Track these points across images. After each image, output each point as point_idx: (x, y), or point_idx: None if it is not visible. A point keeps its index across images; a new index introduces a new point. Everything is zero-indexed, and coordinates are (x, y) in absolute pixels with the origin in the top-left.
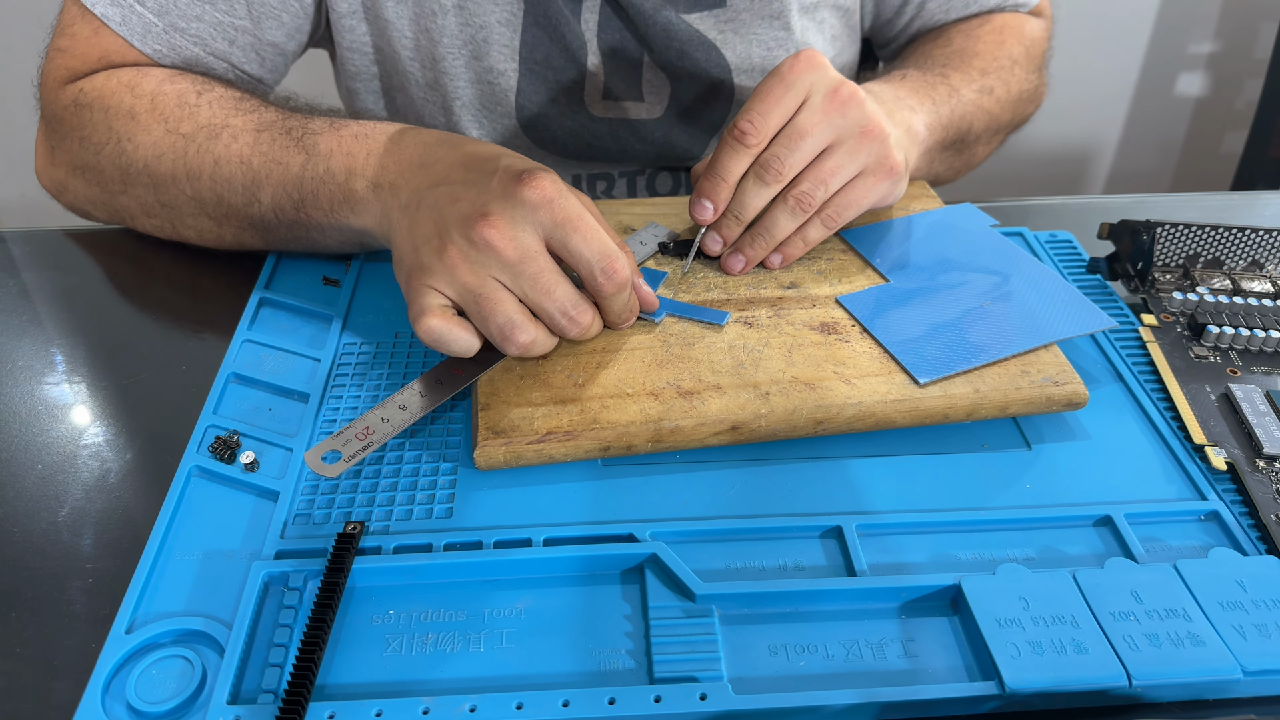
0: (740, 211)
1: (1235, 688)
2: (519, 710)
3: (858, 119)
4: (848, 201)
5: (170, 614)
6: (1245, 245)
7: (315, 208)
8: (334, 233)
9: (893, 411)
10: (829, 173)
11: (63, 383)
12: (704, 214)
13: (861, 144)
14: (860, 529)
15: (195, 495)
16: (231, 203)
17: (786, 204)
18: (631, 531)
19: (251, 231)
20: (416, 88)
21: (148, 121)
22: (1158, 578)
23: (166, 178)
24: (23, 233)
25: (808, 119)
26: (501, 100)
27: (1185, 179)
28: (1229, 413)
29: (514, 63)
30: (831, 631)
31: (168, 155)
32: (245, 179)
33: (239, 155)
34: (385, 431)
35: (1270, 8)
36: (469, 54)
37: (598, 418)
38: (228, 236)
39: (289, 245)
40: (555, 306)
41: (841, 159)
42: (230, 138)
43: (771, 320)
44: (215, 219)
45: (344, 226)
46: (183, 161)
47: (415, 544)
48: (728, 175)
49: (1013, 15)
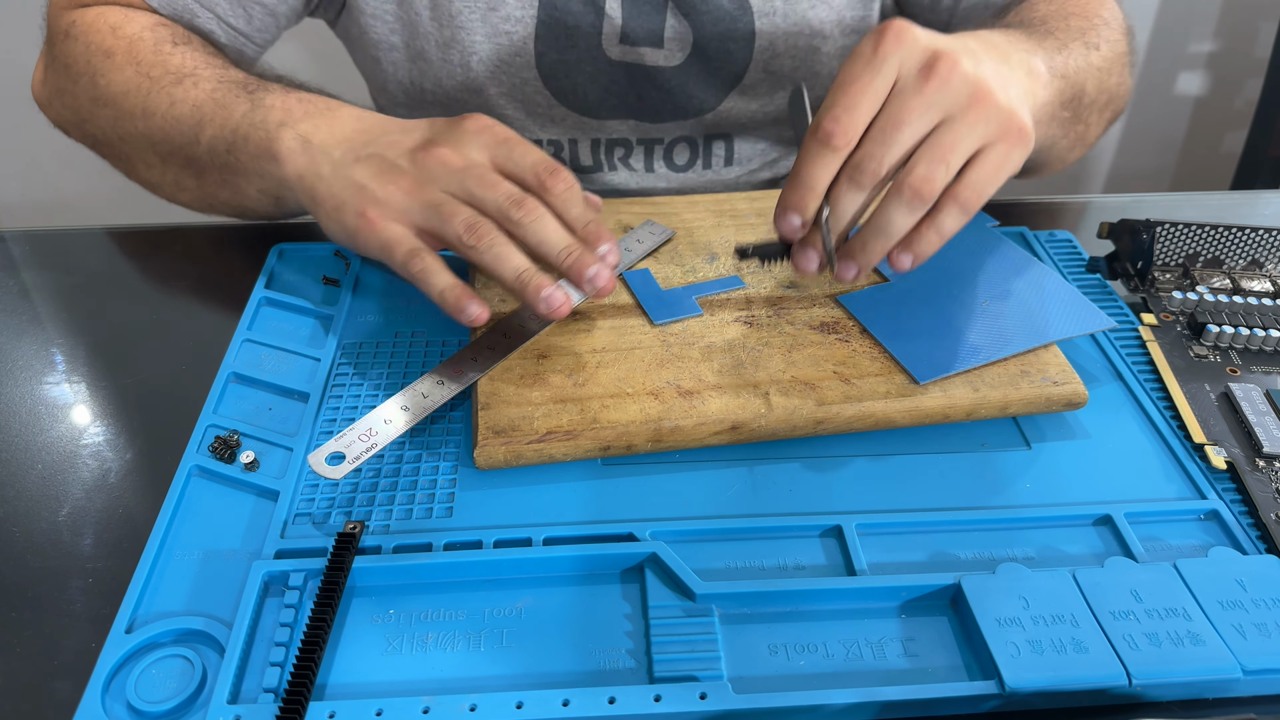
0: (835, 221)
1: (1235, 687)
2: (519, 710)
3: (963, 89)
4: (981, 179)
5: (170, 614)
6: (1245, 244)
7: (244, 151)
8: (255, 179)
9: (893, 411)
10: (947, 149)
11: (63, 383)
12: (790, 228)
13: (978, 113)
14: (860, 528)
15: (195, 495)
16: (176, 141)
17: (902, 196)
18: (631, 531)
19: (188, 173)
20: (435, 48)
21: (121, 62)
22: (1157, 577)
23: (126, 113)
24: (23, 233)
25: (902, 105)
26: (520, 50)
27: (1185, 178)
28: (1229, 412)
29: (532, 9)
30: (831, 631)
31: (133, 93)
32: (192, 119)
33: (194, 99)
34: (388, 433)
35: (1270, 7)
36: (485, 6)
37: (598, 417)
38: (169, 176)
39: (217, 193)
40: (503, 195)
41: (959, 133)
42: (191, 84)
43: (771, 320)
44: (161, 156)
45: (265, 174)
46: (143, 100)
47: (415, 544)
48: (815, 183)
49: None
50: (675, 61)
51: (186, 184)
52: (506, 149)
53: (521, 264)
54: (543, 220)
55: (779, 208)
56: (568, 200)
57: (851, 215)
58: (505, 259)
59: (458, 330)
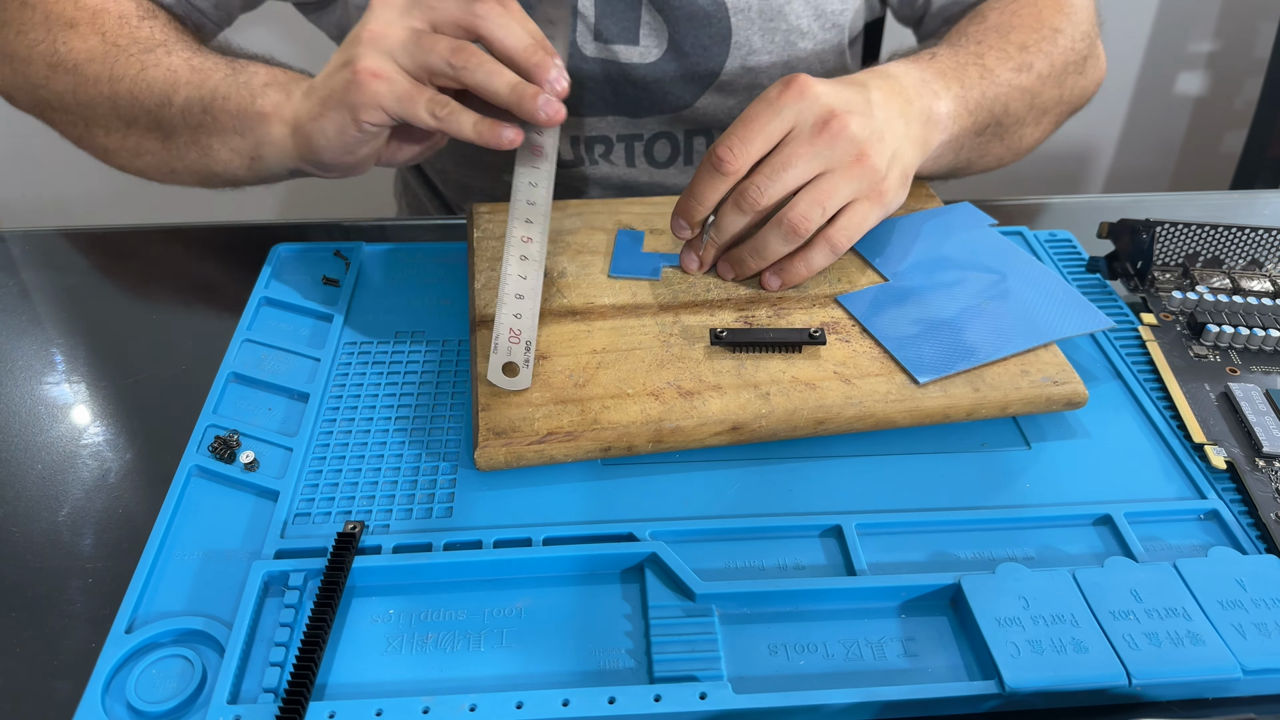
0: (717, 234)
1: (1235, 686)
2: (519, 709)
3: (849, 149)
4: (850, 226)
5: (170, 614)
6: (1245, 244)
7: (222, 110)
8: (232, 137)
9: (893, 411)
10: (825, 195)
11: (63, 383)
12: (680, 232)
13: (855, 171)
14: (860, 528)
15: (195, 495)
16: (145, 103)
17: (781, 227)
18: (631, 531)
19: (153, 136)
20: None
21: (85, 31)
22: (1157, 577)
23: (90, 78)
24: (23, 233)
25: (793, 151)
26: None
27: (1185, 178)
28: (1228, 412)
29: None
30: (831, 631)
31: (98, 60)
32: (165, 82)
33: (168, 64)
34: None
35: (1270, 7)
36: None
37: (598, 418)
38: (129, 141)
39: (184, 154)
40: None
41: (837, 184)
42: (164, 52)
43: (771, 320)
44: (125, 120)
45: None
46: (110, 66)
47: (415, 544)
48: (703, 200)
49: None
50: (651, 58)
51: (149, 148)
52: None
53: (513, 76)
54: (504, 18)
55: (674, 214)
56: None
57: (732, 233)
58: (497, 73)
59: (458, 330)
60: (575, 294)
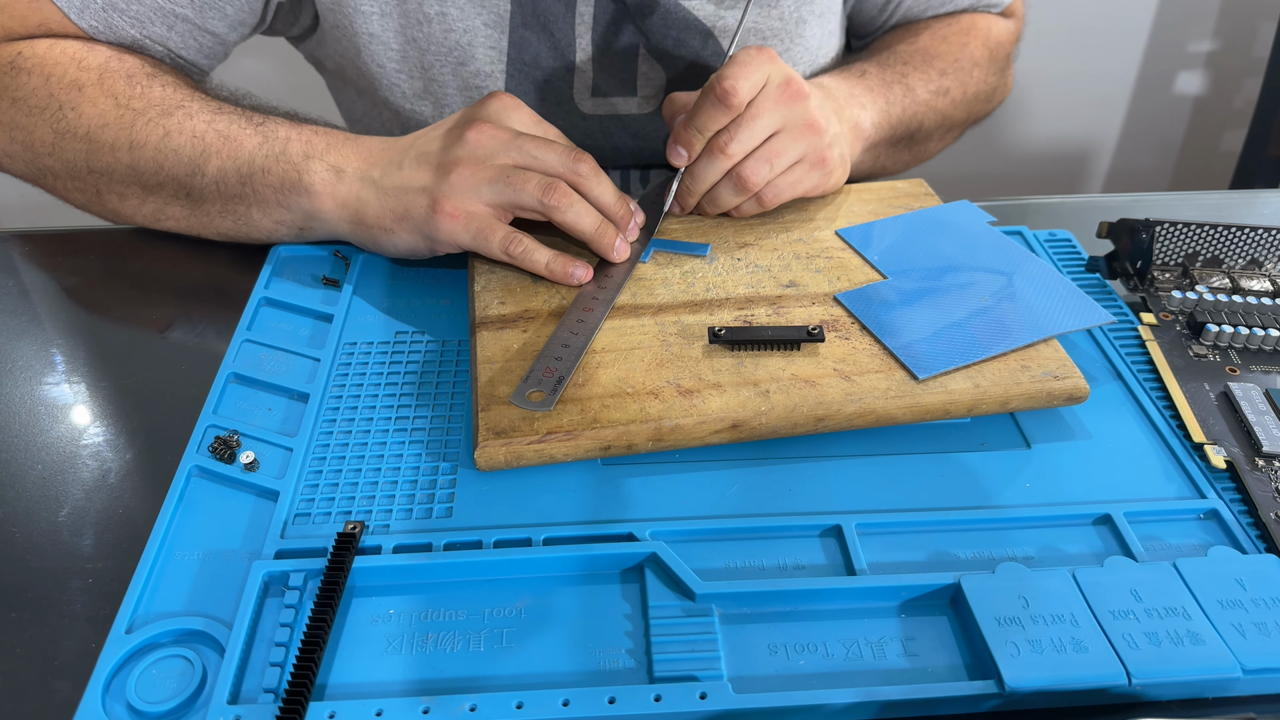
0: (692, 184)
1: (1235, 686)
2: (519, 710)
3: (803, 112)
4: (784, 184)
5: (170, 614)
6: (1244, 244)
7: (264, 184)
8: (276, 210)
9: (893, 408)
10: (774, 153)
11: (63, 383)
12: (677, 160)
13: (803, 134)
14: (860, 528)
15: (195, 495)
16: (172, 173)
17: (731, 180)
18: (631, 531)
19: (179, 203)
20: (403, 99)
21: (94, 95)
22: (1157, 576)
23: (106, 145)
24: (23, 233)
25: (762, 103)
26: None
27: (1184, 178)
28: (1228, 411)
29: (500, 64)
30: (831, 630)
31: (113, 126)
32: (194, 151)
33: (192, 130)
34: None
35: (1269, 7)
36: (455, 60)
37: (598, 417)
38: (148, 207)
39: (216, 222)
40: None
41: (785, 143)
42: (185, 115)
43: (771, 318)
44: (146, 188)
45: (292, 206)
46: (128, 132)
47: (415, 544)
48: (705, 131)
49: (983, 16)
50: (649, 109)
51: (173, 214)
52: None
53: (598, 217)
54: (594, 175)
55: (672, 143)
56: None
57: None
58: (585, 213)
59: (458, 330)
60: (575, 294)
